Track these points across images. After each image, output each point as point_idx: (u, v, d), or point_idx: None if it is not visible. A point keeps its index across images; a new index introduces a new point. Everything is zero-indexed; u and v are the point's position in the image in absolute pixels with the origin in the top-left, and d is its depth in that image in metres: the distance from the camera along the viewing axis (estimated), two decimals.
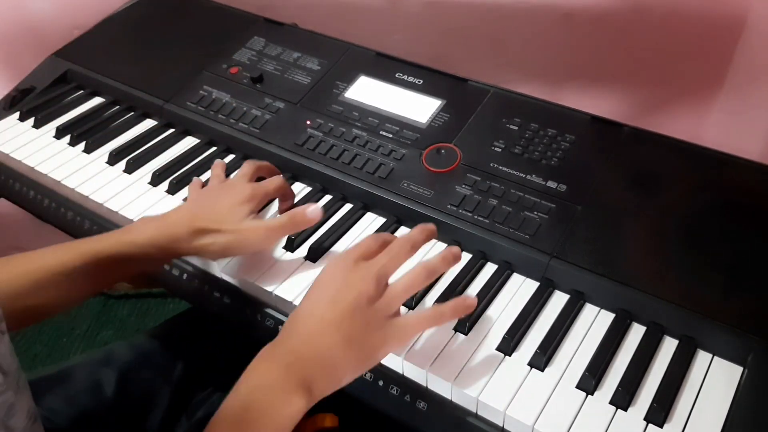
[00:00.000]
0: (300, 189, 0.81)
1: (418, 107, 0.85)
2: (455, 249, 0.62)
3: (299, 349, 0.55)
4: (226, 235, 0.68)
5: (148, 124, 0.92)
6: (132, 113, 0.94)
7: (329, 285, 0.58)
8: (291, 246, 0.73)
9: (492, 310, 0.66)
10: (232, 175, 0.82)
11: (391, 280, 0.59)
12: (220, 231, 0.67)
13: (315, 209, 0.69)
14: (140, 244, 0.66)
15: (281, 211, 0.77)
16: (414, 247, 0.61)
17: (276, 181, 0.74)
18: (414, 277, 0.59)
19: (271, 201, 0.78)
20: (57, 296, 0.64)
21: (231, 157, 0.86)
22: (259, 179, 0.76)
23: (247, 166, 0.75)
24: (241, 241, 0.68)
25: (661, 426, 0.56)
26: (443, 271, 0.62)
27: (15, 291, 0.62)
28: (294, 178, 0.82)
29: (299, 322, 0.57)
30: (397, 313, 0.58)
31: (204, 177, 0.83)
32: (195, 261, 0.74)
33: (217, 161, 0.81)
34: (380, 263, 0.58)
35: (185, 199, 0.79)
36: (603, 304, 0.66)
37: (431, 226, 0.64)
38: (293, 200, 0.78)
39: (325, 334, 0.55)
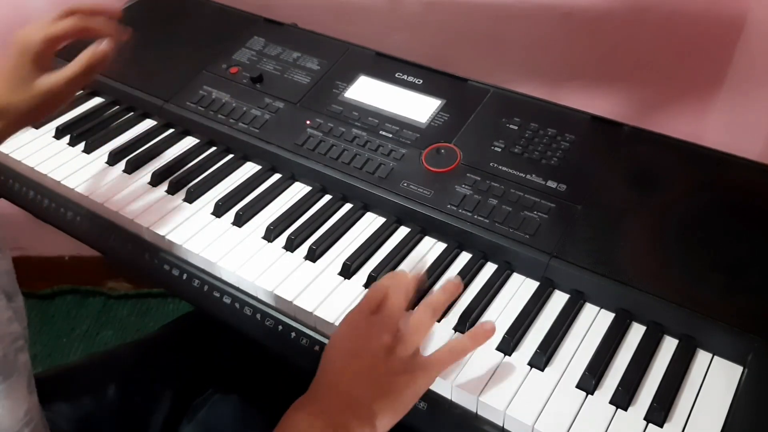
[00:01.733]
0: (299, 189, 0.81)
1: (418, 107, 0.85)
2: (455, 279, 0.63)
3: (331, 401, 0.55)
4: (21, 107, 0.65)
5: (148, 124, 0.92)
6: (132, 113, 0.94)
7: (345, 344, 0.58)
8: (291, 246, 0.73)
9: (492, 310, 0.66)
10: (234, 176, 0.83)
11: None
12: (11, 106, 0.65)
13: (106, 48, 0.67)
14: None
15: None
16: (409, 291, 0.61)
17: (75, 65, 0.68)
18: (420, 315, 0.59)
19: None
20: None
21: (230, 156, 0.86)
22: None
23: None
24: (38, 107, 0.66)
25: (661, 425, 0.56)
26: (446, 303, 0.62)
27: None
28: (293, 178, 0.82)
29: (323, 379, 0.57)
30: (417, 353, 0.58)
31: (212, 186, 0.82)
32: (196, 261, 0.74)
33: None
34: (387, 311, 0.58)
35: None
36: (603, 304, 0.66)
37: (456, 282, 0.62)
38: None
39: (354, 385, 0.55)
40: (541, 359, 0.60)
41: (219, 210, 0.78)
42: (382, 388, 0.55)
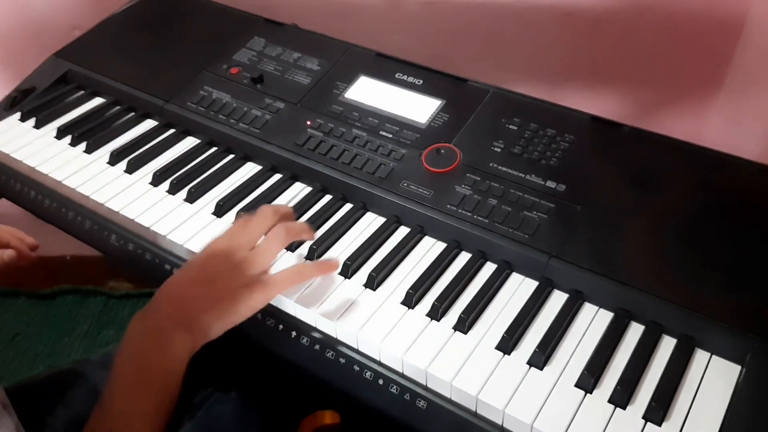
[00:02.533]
0: (300, 189, 0.81)
1: (418, 107, 0.85)
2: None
3: (169, 309, 0.60)
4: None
5: (149, 124, 0.92)
6: (132, 113, 0.94)
7: (200, 256, 0.64)
8: (291, 246, 0.73)
9: (491, 310, 0.66)
10: (235, 176, 0.83)
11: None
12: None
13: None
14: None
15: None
16: (278, 215, 0.68)
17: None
18: (271, 235, 0.65)
19: None
20: None
21: (231, 157, 0.86)
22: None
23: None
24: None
25: (659, 424, 0.56)
26: (300, 235, 0.69)
27: None
28: (294, 178, 0.82)
29: (169, 286, 0.62)
30: (264, 272, 0.64)
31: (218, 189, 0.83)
32: None
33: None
34: (249, 231, 0.65)
35: (186, 199, 0.79)
36: (602, 304, 0.66)
37: (333, 263, 0.69)
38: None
39: (194, 293, 0.60)
40: (540, 358, 0.61)
41: (220, 210, 0.78)
42: (216, 297, 0.60)
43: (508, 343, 0.62)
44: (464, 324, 0.64)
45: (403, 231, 0.75)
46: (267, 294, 0.62)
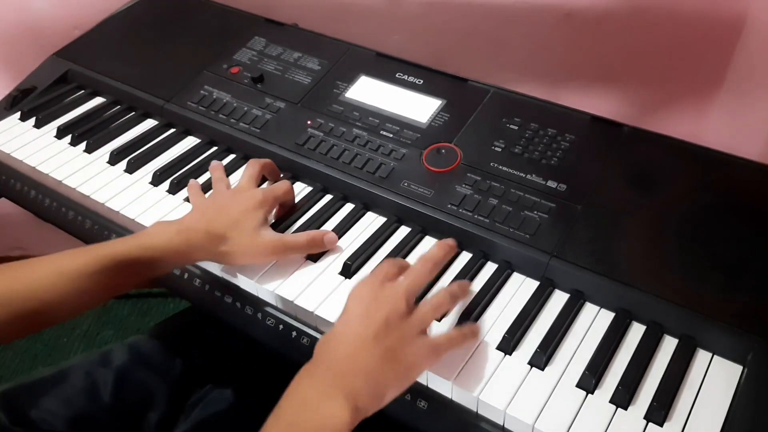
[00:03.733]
0: (300, 189, 0.81)
1: (419, 107, 0.85)
2: (465, 282, 0.65)
3: (339, 365, 0.54)
4: (243, 243, 0.68)
5: (149, 124, 0.92)
6: (133, 113, 0.94)
7: (359, 304, 0.58)
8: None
9: (492, 310, 0.66)
10: (235, 176, 0.83)
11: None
12: (236, 238, 0.68)
13: (332, 239, 0.72)
14: (159, 249, 0.66)
15: (277, 215, 0.77)
16: (436, 266, 0.63)
17: (284, 185, 0.75)
18: (441, 298, 0.61)
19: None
20: (72, 299, 0.63)
21: (231, 157, 0.86)
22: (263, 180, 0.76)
23: (252, 167, 0.76)
24: (254, 253, 0.68)
25: (660, 425, 0.56)
26: (463, 297, 0.64)
27: (30, 293, 0.61)
28: (294, 178, 0.82)
29: (334, 341, 0.57)
30: (427, 331, 0.59)
31: (202, 179, 0.83)
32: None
33: (215, 163, 0.81)
34: (407, 281, 0.60)
35: (186, 199, 0.79)
36: (603, 304, 0.66)
37: (450, 243, 0.66)
38: (294, 204, 0.78)
39: (364, 349, 0.55)
40: (542, 358, 0.61)
41: None
42: (392, 355, 0.55)
43: (509, 344, 0.62)
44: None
45: (403, 231, 0.75)
46: (436, 358, 0.58)
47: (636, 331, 0.63)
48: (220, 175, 0.78)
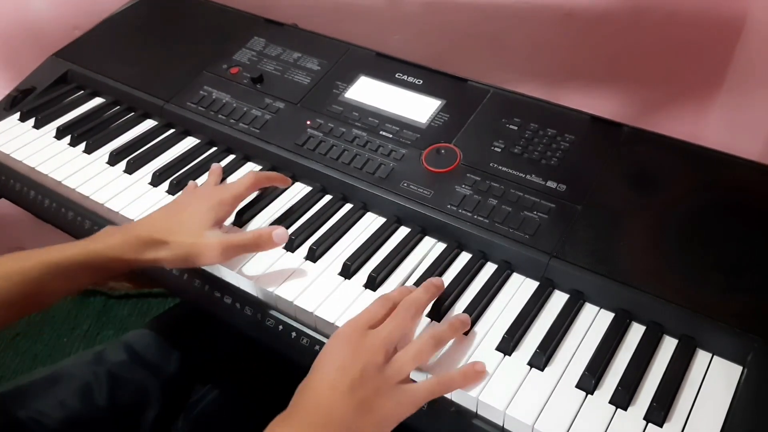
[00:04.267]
0: (300, 189, 0.81)
1: (418, 107, 0.85)
2: (463, 316, 0.63)
3: (314, 416, 0.54)
4: (181, 248, 0.67)
5: (149, 124, 0.92)
6: (132, 113, 0.94)
7: (337, 355, 0.57)
8: (291, 246, 0.73)
9: (492, 310, 0.66)
10: (235, 176, 0.83)
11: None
12: (175, 243, 0.67)
13: (282, 234, 0.69)
14: (104, 255, 0.66)
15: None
16: (419, 310, 0.62)
17: (245, 180, 0.74)
18: (422, 345, 0.59)
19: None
20: (16, 303, 0.63)
21: (231, 157, 0.86)
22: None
23: (246, 178, 0.74)
24: (195, 255, 0.68)
25: (660, 425, 0.56)
26: (451, 339, 0.62)
27: None
28: (294, 178, 0.82)
29: (310, 391, 0.56)
30: (407, 380, 0.58)
31: (201, 180, 0.83)
32: None
33: (214, 166, 0.81)
34: (386, 330, 0.59)
35: None
36: (603, 304, 0.66)
37: (437, 283, 0.65)
38: (284, 183, 0.79)
39: (339, 401, 0.54)
40: (541, 359, 0.60)
41: None
42: (366, 408, 0.54)
43: (508, 344, 0.62)
44: None
45: (403, 231, 0.75)
46: (414, 407, 0.57)
47: (636, 332, 0.63)
48: (212, 179, 0.78)
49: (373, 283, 0.68)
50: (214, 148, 0.88)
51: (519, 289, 0.68)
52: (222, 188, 0.73)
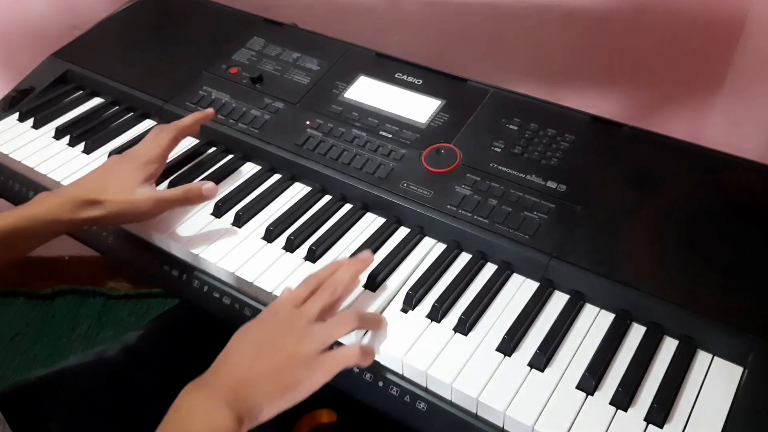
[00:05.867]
0: (300, 189, 0.81)
1: (418, 107, 0.84)
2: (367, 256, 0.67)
3: (225, 378, 0.56)
4: (115, 205, 0.70)
5: (148, 124, 0.92)
6: (132, 113, 0.94)
7: (255, 329, 0.60)
8: (291, 246, 0.73)
9: (492, 311, 0.66)
10: (234, 177, 0.83)
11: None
12: (108, 201, 0.70)
13: (211, 187, 0.74)
14: (39, 218, 0.68)
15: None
16: (346, 289, 0.64)
17: (167, 133, 0.77)
18: (341, 318, 0.60)
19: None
20: None
21: (230, 156, 0.86)
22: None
23: (153, 134, 0.77)
24: (129, 211, 0.71)
25: (661, 426, 0.55)
26: (370, 325, 0.64)
27: None
28: (293, 179, 0.82)
29: (224, 360, 0.58)
30: (325, 350, 0.59)
31: (201, 180, 0.82)
32: (196, 261, 0.74)
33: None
34: (307, 308, 0.61)
35: None
36: (603, 305, 0.66)
37: (363, 257, 0.67)
38: (205, 117, 0.81)
39: (252, 364, 0.56)
40: (541, 360, 0.60)
41: (219, 210, 0.78)
42: (278, 378, 0.56)
43: (508, 345, 0.62)
44: (465, 325, 0.64)
45: (403, 231, 0.75)
46: (327, 378, 0.58)
47: (636, 333, 0.63)
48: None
49: (372, 284, 0.68)
50: (214, 148, 0.87)
51: (519, 289, 0.68)
52: (145, 148, 0.76)
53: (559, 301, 0.66)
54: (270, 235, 0.74)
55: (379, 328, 0.64)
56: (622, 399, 0.57)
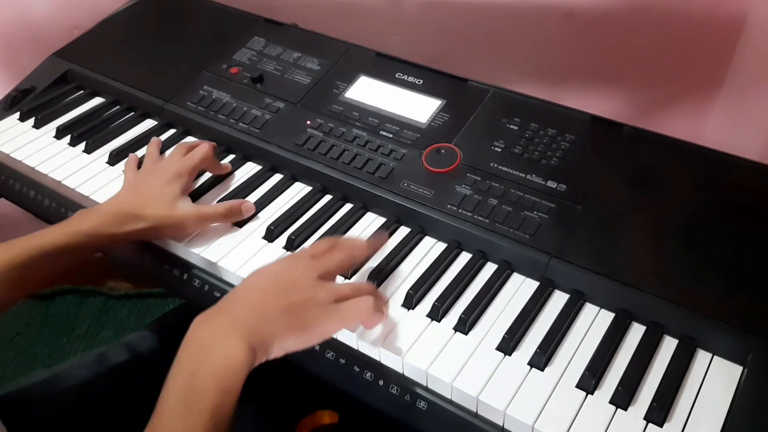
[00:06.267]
0: (300, 189, 0.81)
1: (418, 107, 0.85)
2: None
3: (237, 310, 0.56)
4: (158, 219, 0.71)
5: (149, 124, 0.92)
6: (132, 113, 0.94)
7: (275, 267, 0.61)
8: (291, 246, 0.73)
9: (492, 310, 0.66)
10: (235, 176, 0.83)
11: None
12: (150, 215, 0.71)
13: (250, 207, 0.76)
14: (82, 233, 0.68)
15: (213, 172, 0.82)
16: (361, 253, 0.66)
17: (200, 151, 0.78)
18: (360, 285, 0.62)
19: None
20: (3, 293, 0.64)
21: (231, 157, 0.86)
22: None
23: (178, 148, 0.80)
24: (171, 225, 0.72)
25: (660, 425, 0.56)
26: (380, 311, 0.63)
27: None
28: (294, 178, 0.82)
29: (238, 292, 0.59)
30: (339, 300, 0.60)
31: (201, 180, 0.83)
32: (197, 261, 0.74)
33: (154, 138, 0.84)
34: (325, 258, 0.62)
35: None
36: (603, 304, 0.66)
37: (380, 235, 0.70)
38: (221, 169, 0.82)
39: (265, 300, 0.57)
40: (541, 359, 0.60)
41: None
42: (293, 316, 0.56)
43: (508, 344, 0.62)
44: (465, 325, 0.64)
45: (403, 231, 0.75)
46: (340, 324, 0.59)
47: (636, 332, 0.63)
48: (151, 150, 0.82)
49: (372, 282, 0.68)
50: None
51: (519, 289, 0.68)
52: (175, 161, 0.77)
53: (559, 300, 0.67)
54: (271, 235, 0.74)
55: (383, 313, 0.64)
56: (622, 398, 0.57)
